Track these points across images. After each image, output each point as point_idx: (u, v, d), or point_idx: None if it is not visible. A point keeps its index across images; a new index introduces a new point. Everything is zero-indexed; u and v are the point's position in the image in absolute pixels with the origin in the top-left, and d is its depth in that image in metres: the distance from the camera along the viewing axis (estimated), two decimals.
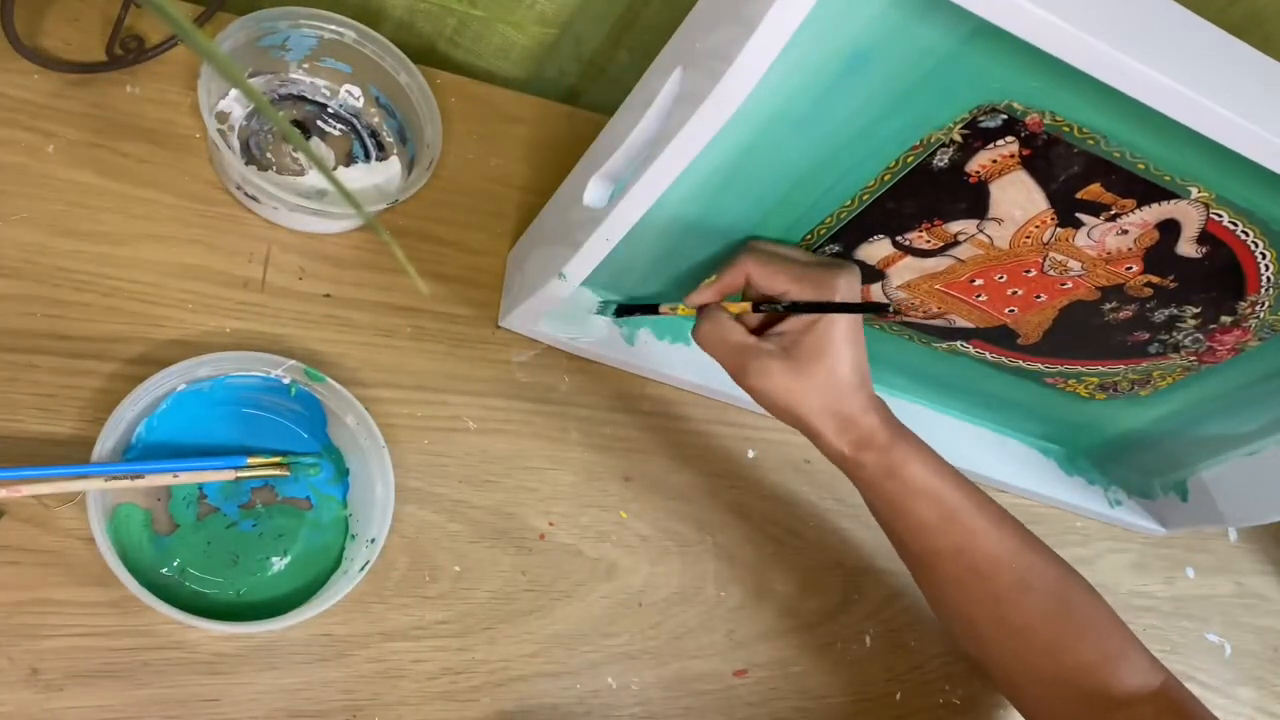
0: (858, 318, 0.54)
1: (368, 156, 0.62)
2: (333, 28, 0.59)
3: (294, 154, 0.59)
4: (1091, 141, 0.48)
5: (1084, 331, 0.63)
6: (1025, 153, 0.49)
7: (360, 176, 0.61)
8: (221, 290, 0.55)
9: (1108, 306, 0.61)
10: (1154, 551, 0.83)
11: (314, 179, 0.59)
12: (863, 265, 0.59)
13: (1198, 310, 0.61)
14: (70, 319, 0.51)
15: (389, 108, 0.63)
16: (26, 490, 0.45)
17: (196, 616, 0.45)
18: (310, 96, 0.62)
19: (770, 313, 0.55)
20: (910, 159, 0.51)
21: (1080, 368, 0.69)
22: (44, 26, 0.56)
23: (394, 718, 0.51)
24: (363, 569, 0.49)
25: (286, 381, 0.51)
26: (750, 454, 0.69)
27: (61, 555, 0.46)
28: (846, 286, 0.54)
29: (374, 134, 0.63)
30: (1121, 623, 0.58)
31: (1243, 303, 0.60)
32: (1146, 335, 0.64)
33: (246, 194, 0.56)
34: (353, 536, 0.52)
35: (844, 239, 0.57)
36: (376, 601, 0.53)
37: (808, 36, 0.41)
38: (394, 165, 0.62)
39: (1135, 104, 0.42)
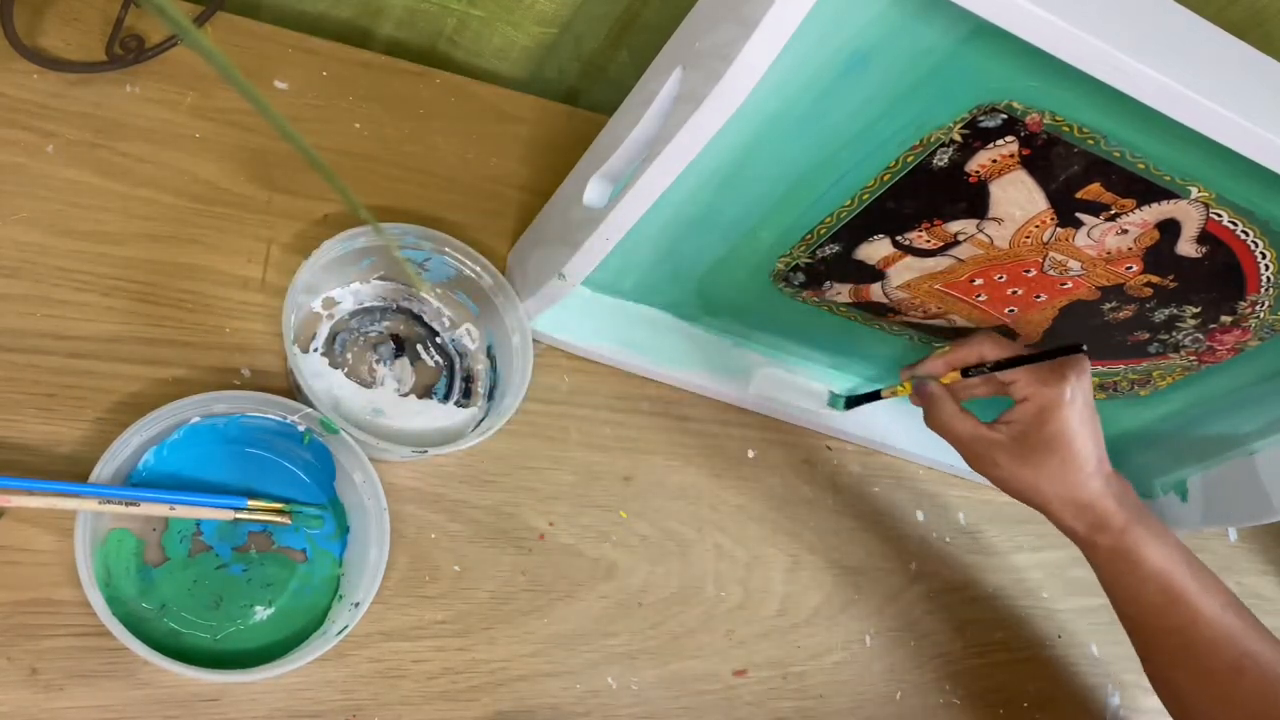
0: (1090, 403, 0.57)
1: (447, 398, 0.58)
2: (473, 265, 0.58)
3: (374, 365, 0.56)
4: (1091, 141, 0.48)
5: (1084, 331, 0.63)
6: (1025, 152, 0.49)
7: (427, 411, 0.57)
8: (221, 290, 0.55)
9: (1108, 306, 0.61)
10: None
11: (378, 396, 0.56)
12: (862, 265, 0.59)
13: (1198, 310, 0.61)
14: (70, 319, 0.51)
15: (495, 361, 0.60)
16: (18, 502, 0.44)
17: (164, 656, 0.43)
18: (428, 320, 0.60)
19: (980, 375, 0.60)
20: (910, 159, 0.51)
21: None
22: (44, 26, 0.56)
23: (394, 718, 0.51)
24: (340, 633, 0.48)
25: (301, 429, 0.50)
26: (750, 454, 0.69)
27: (61, 555, 0.46)
28: (1075, 375, 0.56)
29: (468, 379, 0.59)
30: None
31: (1243, 303, 0.60)
32: (1146, 335, 0.64)
33: (295, 382, 0.52)
34: (340, 597, 0.50)
35: (844, 239, 0.57)
36: (376, 601, 0.52)
37: (807, 36, 0.41)
38: (471, 415, 0.58)
39: (1135, 104, 0.42)
